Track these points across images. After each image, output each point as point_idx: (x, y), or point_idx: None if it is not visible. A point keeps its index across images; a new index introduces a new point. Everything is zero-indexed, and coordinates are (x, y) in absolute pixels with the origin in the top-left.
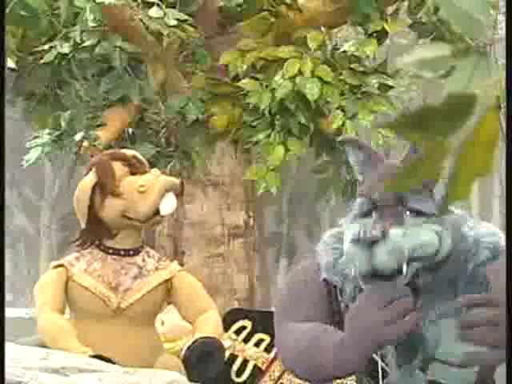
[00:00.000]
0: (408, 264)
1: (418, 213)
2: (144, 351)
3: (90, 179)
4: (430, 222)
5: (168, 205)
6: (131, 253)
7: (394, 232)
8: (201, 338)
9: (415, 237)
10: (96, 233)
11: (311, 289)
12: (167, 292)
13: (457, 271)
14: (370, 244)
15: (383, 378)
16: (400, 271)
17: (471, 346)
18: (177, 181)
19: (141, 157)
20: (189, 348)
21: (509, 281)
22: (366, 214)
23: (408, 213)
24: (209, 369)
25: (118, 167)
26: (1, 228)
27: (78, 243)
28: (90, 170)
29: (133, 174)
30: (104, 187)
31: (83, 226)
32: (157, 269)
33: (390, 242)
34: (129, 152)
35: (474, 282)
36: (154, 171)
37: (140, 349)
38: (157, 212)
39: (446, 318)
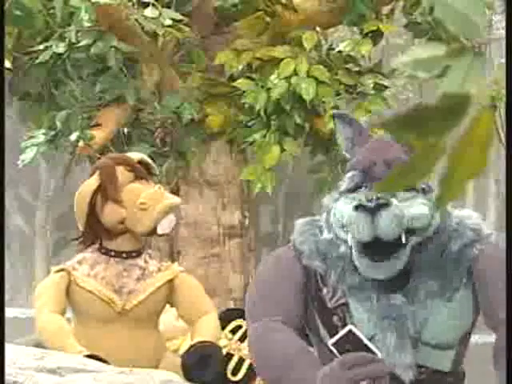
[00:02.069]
0: (406, 235)
1: (409, 187)
2: (149, 352)
3: (91, 183)
4: (420, 197)
5: (166, 225)
6: (133, 255)
7: (395, 200)
8: (199, 342)
9: (410, 209)
10: (96, 234)
11: (288, 278)
12: (169, 293)
13: (442, 250)
14: (374, 210)
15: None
16: (400, 239)
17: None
18: (178, 201)
19: (148, 160)
20: (187, 353)
21: (509, 280)
22: (356, 187)
23: None
24: (207, 373)
25: (122, 172)
26: (1, 229)
27: (78, 242)
28: (94, 172)
29: (137, 178)
30: (105, 192)
31: (81, 228)
32: (159, 270)
33: (393, 209)
34: (136, 156)
35: (460, 263)
36: (158, 188)
37: (145, 350)
38: (154, 230)
39: (433, 298)
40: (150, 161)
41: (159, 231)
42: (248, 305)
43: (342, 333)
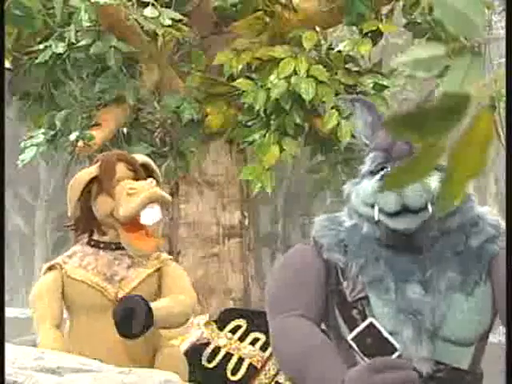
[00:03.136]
0: (432, 206)
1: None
2: (145, 341)
3: (89, 171)
4: (438, 174)
5: (149, 215)
6: (122, 246)
7: None
8: (124, 296)
9: (433, 182)
10: (88, 223)
11: (309, 272)
12: (159, 280)
13: (464, 243)
14: None
15: (392, 351)
16: (426, 209)
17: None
18: (165, 196)
19: (153, 165)
20: (114, 308)
21: (509, 280)
22: (378, 169)
23: None
24: (133, 325)
25: (121, 169)
26: (1, 230)
27: (70, 228)
28: (96, 162)
29: (136, 179)
30: (101, 184)
31: (69, 213)
32: (148, 258)
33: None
34: (141, 158)
35: (480, 258)
36: (150, 181)
37: (141, 339)
38: (138, 219)
39: (454, 292)
40: (154, 166)
41: (142, 220)
42: (268, 300)
43: (362, 326)
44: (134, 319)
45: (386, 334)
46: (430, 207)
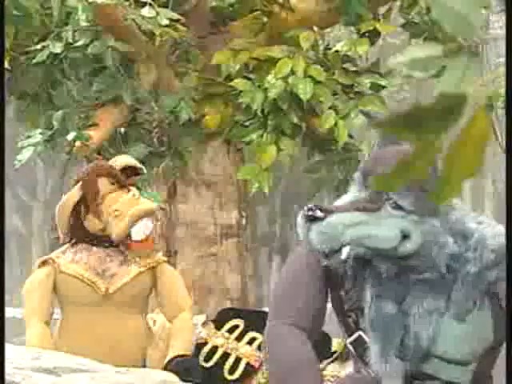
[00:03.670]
0: (370, 251)
1: (398, 205)
2: (136, 336)
3: (74, 194)
4: (403, 219)
5: (139, 230)
6: (114, 244)
7: (339, 216)
8: (176, 356)
9: (375, 228)
10: (82, 234)
11: (308, 278)
12: (151, 280)
13: (456, 271)
14: (309, 222)
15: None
16: (338, 251)
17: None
18: (149, 208)
19: (134, 163)
20: (165, 368)
21: (509, 280)
22: (357, 189)
23: (390, 202)
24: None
25: (104, 184)
26: (1, 230)
27: (66, 242)
28: (78, 182)
29: (120, 188)
30: (87, 205)
31: (60, 234)
32: (141, 257)
33: (322, 225)
34: (122, 161)
35: (476, 285)
36: (132, 194)
37: (132, 334)
38: (130, 236)
39: (440, 315)
40: (135, 163)
41: (133, 237)
42: (270, 300)
43: (353, 337)
44: (190, 379)
45: (368, 344)
46: (343, 254)
